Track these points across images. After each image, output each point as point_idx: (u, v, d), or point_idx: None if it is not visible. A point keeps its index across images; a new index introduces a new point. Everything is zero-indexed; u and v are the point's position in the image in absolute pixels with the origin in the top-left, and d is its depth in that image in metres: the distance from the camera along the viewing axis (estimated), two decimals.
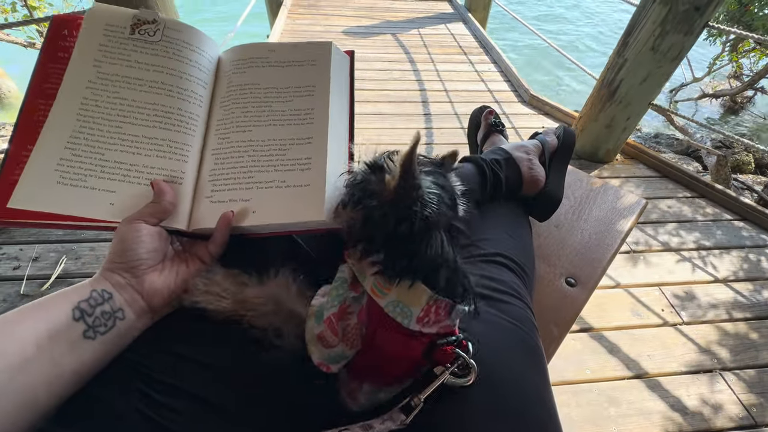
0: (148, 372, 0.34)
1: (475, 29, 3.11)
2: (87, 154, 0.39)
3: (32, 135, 0.39)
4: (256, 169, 0.42)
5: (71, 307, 0.32)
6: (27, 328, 0.30)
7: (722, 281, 1.34)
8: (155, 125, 0.42)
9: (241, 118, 0.44)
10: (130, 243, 0.35)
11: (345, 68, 0.51)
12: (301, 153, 0.43)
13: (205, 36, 0.47)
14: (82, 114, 0.40)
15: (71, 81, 0.41)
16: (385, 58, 2.63)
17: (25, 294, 1.17)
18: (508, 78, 2.50)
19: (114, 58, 0.42)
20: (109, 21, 0.43)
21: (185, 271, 0.39)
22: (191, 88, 0.44)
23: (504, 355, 0.40)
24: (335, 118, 0.45)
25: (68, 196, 0.38)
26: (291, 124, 0.44)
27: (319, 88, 0.46)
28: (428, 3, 3.65)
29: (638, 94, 1.60)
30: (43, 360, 0.29)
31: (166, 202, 0.38)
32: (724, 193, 1.65)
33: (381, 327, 0.33)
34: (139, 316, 0.36)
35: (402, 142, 1.89)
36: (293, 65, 0.47)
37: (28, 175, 0.38)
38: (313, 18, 3.13)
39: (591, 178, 0.85)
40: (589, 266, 0.67)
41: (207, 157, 0.44)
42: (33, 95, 0.40)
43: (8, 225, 0.38)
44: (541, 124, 2.08)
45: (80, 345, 0.31)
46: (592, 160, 1.85)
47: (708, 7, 1.34)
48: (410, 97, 2.25)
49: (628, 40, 1.53)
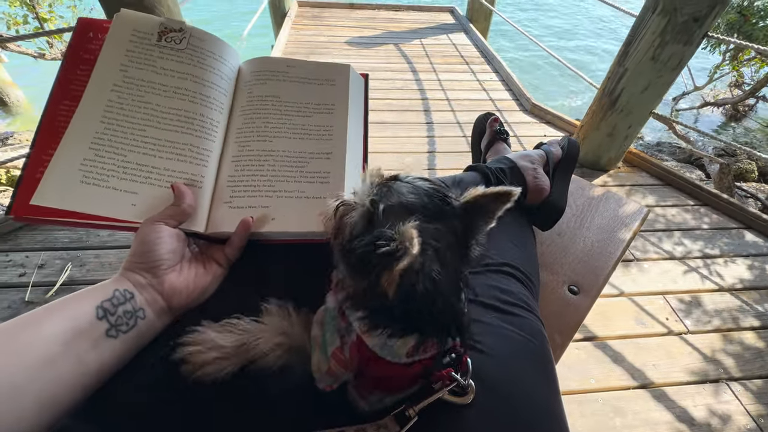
0: (165, 372, 0.34)
1: (476, 39, 3.15)
2: (110, 155, 0.40)
3: (56, 135, 0.40)
4: (277, 178, 0.43)
5: (95, 306, 0.33)
6: (54, 325, 0.30)
7: (727, 290, 1.34)
8: (177, 130, 0.43)
9: (262, 128, 0.46)
10: (151, 244, 0.36)
11: (361, 90, 0.53)
12: (320, 167, 0.44)
13: (227, 46, 0.48)
14: (107, 116, 0.41)
15: (97, 83, 0.42)
16: (387, 68, 2.66)
17: (29, 301, 1.17)
18: (510, 87, 2.52)
19: (140, 63, 0.44)
20: (137, 27, 0.45)
21: (203, 273, 0.40)
22: (213, 95, 0.45)
23: (515, 369, 0.40)
24: (352, 137, 0.47)
25: (91, 195, 0.39)
26: (311, 138, 0.46)
27: (338, 108, 0.48)
28: (430, 14, 3.70)
29: (639, 103, 1.61)
30: (68, 357, 0.30)
31: (186, 204, 0.39)
32: (728, 201, 1.64)
33: (373, 360, 0.32)
34: (158, 316, 0.36)
35: (404, 150, 1.91)
36: (313, 83, 0.49)
37: (52, 173, 0.39)
38: (316, 29, 3.18)
39: (593, 187, 0.85)
40: (591, 274, 0.68)
41: (226, 163, 0.45)
42: (57, 96, 0.41)
43: (30, 222, 0.38)
44: (543, 133, 2.10)
45: (103, 343, 0.32)
46: (594, 168, 1.86)
47: (707, 19, 1.36)
48: (412, 106, 2.27)
49: (629, 49, 1.55)
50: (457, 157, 1.88)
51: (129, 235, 1.39)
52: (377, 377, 0.34)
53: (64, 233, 1.39)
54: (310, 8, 3.57)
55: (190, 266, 0.39)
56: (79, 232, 1.40)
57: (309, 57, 2.68)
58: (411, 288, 0.27)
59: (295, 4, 3.49)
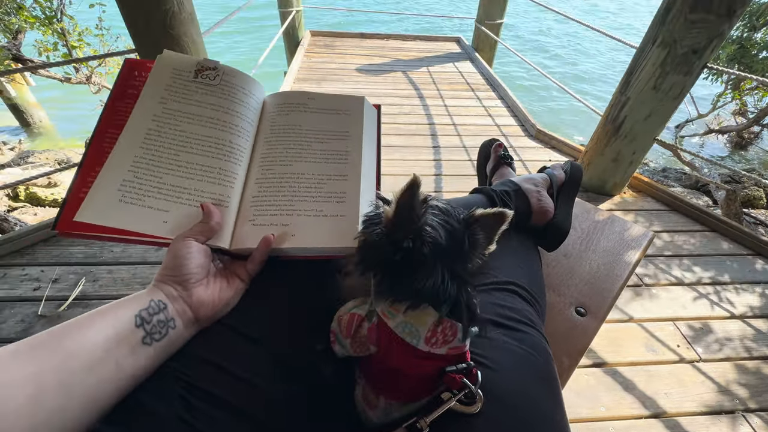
0: (189, 380, 0.36)
1: (482, 67, 3.26)
2: (147, 177, 0.44)
3: (100, 158, 0.44)
4: (297, 198, 0.47)
5: (134, 314, 0.35)
6: (98, 331, 0.32)
7: (739, 317, 1.31)
8: (208, 155, 0.47)
9: (284, 154, 0.50)
10: (182, 258, 0.39)
11: (374, 119, 0.57)
12: (337, 187, 0.48)
13: (255, 81, 0.53)
14: (146, 142, 0.45)
15: (139, 114, 0.47)
16: (396, 94, 2.76)
17: (42, 315, 1.20)
18: (515, 113, 2.58)
19: (178, 96, 0.48)
20: (177, 66, 0.50)
21: (226, 287, 0.42)
22: (241, 124, 0.50)
23: (519, 381, 0.41)
24: (366, 161, 0.51)
25: (128, 212, 0.42)
26: (328, 162, 0.50)
27: (353, 134, 0.52)
28: (437, 43, 3.85)
29: (642, 130, 1.65)
30: (109, 363, 0.32)
31: (214, 222, 0.42)
32: (736, 227, 1.64)
33: (389, 344, 0.35)
34: (186, 327, 0.38)
35: (412, 173, 1.95)
36: (330, 113, 0.54)
37: (95, 192, 0.42)
38: (328, 56, 3.32)
39: (598, 210, 0.87)
40: (598, 296, 0.68)
41: (250, 185, 0.48)
42: (103, 125, 0.46)
43: (72, 236, 0.41)
44: (548, 158, 2.13)
45: (139, 350, 0.34)
46: (600, 193, 1.87)
47: (706, 50, 1.41)
48: (420, 130, 2.33)
49: (630, 79, 1.60)
50: (464, 180, 1.91)
51: (142, 252, 1.43)
52: (387, 375, 0.36)
53: (79, 248, 1.43)
54: (322, 37, 3.74)
55: (215, 280, 0.42)
56: (94, 248, 1.43)
57: (321, 83, 2.79)
58: (419, 247, 0.34)
59: (308, 34, 3.67)
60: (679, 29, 1.38)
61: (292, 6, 3.36)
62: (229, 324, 0.41)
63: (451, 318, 0.35)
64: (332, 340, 0.42)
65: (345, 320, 0.40)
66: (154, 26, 1.21)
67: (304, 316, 0.45)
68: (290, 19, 3.32)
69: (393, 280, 0.36)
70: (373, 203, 0.47)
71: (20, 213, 2.46)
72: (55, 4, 2.51)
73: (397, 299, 0.35)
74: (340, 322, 0.40)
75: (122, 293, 1.27)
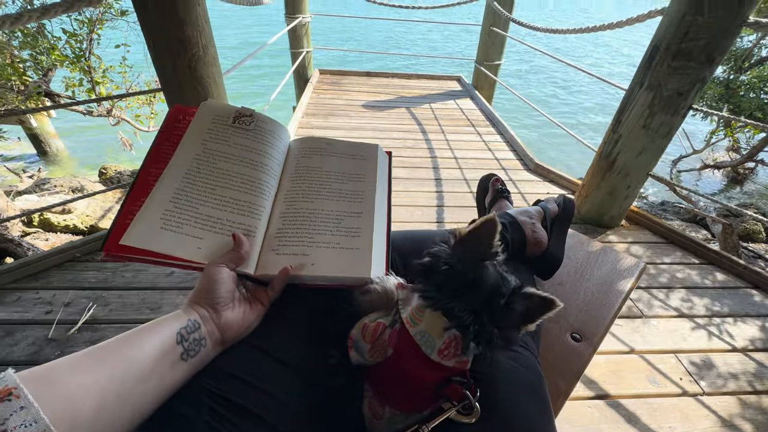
0: (218, 392, 0.39)
1: (482, 105, 3.43)
2: (186, 207, 0.50)
3: (145, 190, 0.50)
4: (317, 231, 0.52)
5: (175, 332, 0.38)
6: (147, 346, 0.36)
7: (741, 350, 1.32)
8: (240, 190, 0.53)
9: (306, 191, 0.56)
10: (215, 283, 0.43)
11: (386, 165, 0.65)
12: (353, 223, 0.54)
13: (283, 128, 0.61)
14: (187, 177, 0.52)
15: (182, 152, 0.53)
16: (399, 129, 2.89)
17: (52, 338, 1.22)
18: (514, 148, 2.69)
19: (217, 138, 0.55)
20: (217, 112, 0.58)
21: (249, 311, 0.46)
22: (270, 164, 0.57)
23: (513, 395, 0.44)
24: (379, 201, 0.58)
25: (168, 239, 0.47)
26: (345, 200, 0.56)
27: (368, 177, 0.59)
28: (439, 81, 4.07)
29: (636, 165, 1.72)
30: (155, 376, 0.35)
31: (243, 251, 0.47)
32: (733, 260, 1.67)
33: (406, 349, 0.40)
34: (213, 346, 0.42)
35: (415, 204, 2.02)
36: (348, 157, 0.61)
37: (139, 219, 0.48)
38: (335, 93, 3.50)
39: (591, 241, 0.92)
40: (593, 322, 0.72)
41: (275, 218, 0.54)
42: (149, 161, 0.52)
43: (117, 258, 0.46)
44: (547, 191, 2.20)
45: (177, 365, 0.38)
46: (598, 225, 1.92)
47: (690, 93, 1.51)
48: (422, 163, 2.43)
49: (621, 118, 1.70)
50: (465, 211, 1.97)
51: (152, 278, 1.47)
52: (395, 383, 0.40)
53: (92, 273, 1.47)
54: (330, 75, 3.96)
55: (240, 305, 0.46)
56: (106, 272, 1.48)
57: (328, 118, 2.94)
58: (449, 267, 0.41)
59: (317, 72, 3.89)
60: (663, 74, 1.49)
61: (302, 47, 3.60)
62: (252, 343, 0.45)
63: (473, 341, 0.39)
64: (349, 345, 0.46)
65: (371, 327, 0.44)
66: (180, 68, 1.32)
67: (320, 335, 0.49)
68: (301, 58, 3.54)
69: (436, 287, 0.42)
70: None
71: (32, 238, 2.52)
72: (85, 44, 2.72)
73: (432, 304, 0.40)
74: (366, 329, 0.44)
75: (131, 318, 1.31)
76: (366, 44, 14.17)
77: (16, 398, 0.26)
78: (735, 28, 1.35)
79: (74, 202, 2.89)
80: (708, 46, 1.38)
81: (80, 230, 2.80)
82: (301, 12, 3.39)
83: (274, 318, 0.49)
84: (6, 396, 0.25)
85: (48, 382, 0.29)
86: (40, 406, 0.26)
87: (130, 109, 3.53)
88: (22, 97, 2.43)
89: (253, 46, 9.75)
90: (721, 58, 1.46)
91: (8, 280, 1.40)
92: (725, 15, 1.31)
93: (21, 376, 0.28)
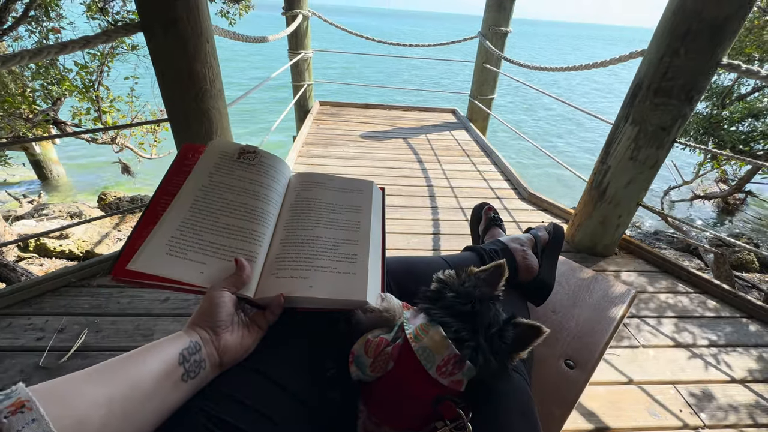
0: (214, 413, 0.39)
1: (476, 136, 3.54)
2: (191, 235, 0.52)
3: (154, 218, 0.53)
4: (315, 257, 0.55)
5: (178, 352, 0.39)
6: (152, 366, 0.37)
7: (740, 381, 1.31)
8: (243, 218, 0.56)
9: (305, 220, 0.59)
10: (216, 306, 0.45)
11: (380, 198, 0.69)
12: (349, 250, 0.57)
13: (284, 163, 0.65)
14: (193, 207, 0.55)
15: (190, 185, 0.57)
16: (396, 158, 2.97)
17: (43, 366, 1.20)
18: (508, 177, 2.76)
19: (223, 172, 0.59)
20: (223, 149, 0.62)
21: (247, 335, 0.47)
22: (271, 195, 0.60)
23: (504, 416, 0.45)
24: (374, 230, 0.61)
25: (173, 264, 0.49)
26: (342, 229, 0.59)
27: (363, 209, 0.63)
28: (434, 114, 4.22)
29: (625, 195, 1.77)
30: (157, 395, 0.36)
31: (245, 275, 0.49)
32: (726, 290, 1.68)
33: (406, 363, 0.42)
34: (212, 368, 0.43)
35: (411, 231, 2.04)
36: (345, 191, 0.65)
37: (146, 246, 0.50)
38: (335, 124, 3.62)
39: (582, 269, 0.94)
40: (586, 349, 0.72)
41: (275, 244, 0.57)
42: (159, 193, 0.56)
43: (124, 282, 0.48)
44: (540, 219, 2.24)
45: (178, 386, 0.38)
46: (591, 254, 1.95)
47: (672, 128, 1.58)
48: (418, 191, 2.48)
49: (609, 150, 1.77)
50: (459, 239, 2.00)
51: (146, 304, 1.46)
52: (391, 400, 0.41)
53: (86, 299, 1.46)
54: (330, 107, 4.11)
55: (239, 329, 0.47)
56: (100, 298, 1.47)
57: (327, 147, 3.02)
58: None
59: (317, 103, 4.04)
60: (646, 110, 1.58)
61: (304, 80, 3.75)
62: (250, 366, 0.46)
63: (469, 360, 0.42)
64: (351, 360, 0.48)
65: (375, 342, 0.46)
66: (187, 101, 1.39)
67: (318, 359, 0.50)
68: (302, 91, 3.69)
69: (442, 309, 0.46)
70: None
71: (27, 263, 2.51)
72: (95, 76, 2.83)
73: (437, 318, 0.44)
74: (369, 344, 0.47)
75: (123, 345, 1.29)
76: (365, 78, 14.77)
77: (28, 411, 0.27)
78: (710, 69, 1.44)
79: (72, 227, 2.90)
80: (686, 85, 1.47)
81: (76, 255, 2.79)
82: (304, 48, 3.57)
83: (273, 341, 0.50)
84: (19, 408, 0.26)
85: (58, 398, 0.29)
86: (50, 420, 0.27)
87: (134, 137, 3.62)
88: (29, 125, 2.50)
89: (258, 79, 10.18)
90: (699, 96, 1.55)
91: (1, 305, 1.39)
92: (699, 58, 1.40)
93: (33, 390, 0.29)
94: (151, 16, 1.26)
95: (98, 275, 1.57)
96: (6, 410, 0.26)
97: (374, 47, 7.32)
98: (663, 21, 1.47)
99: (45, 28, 2.52)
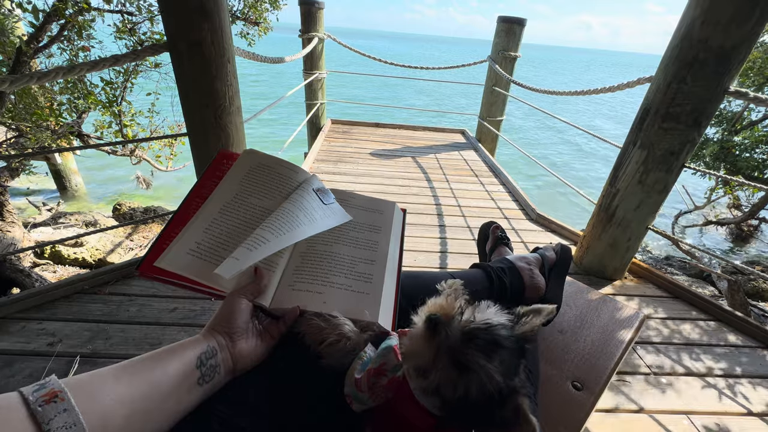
0: (228, 418, 0.40)
1: (485, 156, 3.58)
2: (216, 239, 0.54)
3: (184, 220, 0.55)
4: (332, 272, 0.56)
5: (196, 356, 0.40)
6: (172, 367, 0.38)
7: (757, 415, 1.26)
8: (265, 228, 0.57)
9: (326, 235, 0.61)
10: (234, 312, 0.46)
11: (400, 220, 0.70)
12: (366, 269, 0.58)
13: (316, 177, 0.67)
14: (222, 211, 0.57)
15: (222, 189, 0.59)
16: (405, 176, 3.00)
17: (51, 371, 1.21)
18: (516, 198, 2.77)
19: (253, 180, 0.61)
20: (256, 159, 0.64)
21: (260, 344, 0.49)
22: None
23: None
24: (392, 252, 0.62)
25: (196, 265, 0.51)
26: (361, 248, 0.61)
27: (383, 230, 0.64)
28: (444, 134, 4.28)
29: (635, 218, 1.76)
30: (174, 397, 0.37)
31: (263, 284, 0.51)
32: (742, 318, 1.64)
33: (405, 398, 0.41)
34: (225, 374, 0.44)
35: (418, 249, 2.05)
36: (366, 210, 0.67)
37: (174, 245, 0.52)
38: (345, 142, 3.70)
39: (590, 291, 0.94)
40: (593, 371, 0.72)
41: (295, 256, 0.58)
42: (192, 195, 0.58)
43: (150, 278, 0.50)
44: (549, 240, 2.23)
45: (194, 389, 0.39)
46: (600, 277, 1.92)
47: (681, 153, 1.59)
48: (427, 210, 2.50)
49: (618, 173, 1.77)
50: (467, 258, 2.00)
51: (156, 313, 1.48)
52: (396, 428, 0.41)
53: (98, 306, 1.49)
54: (341, 125, 4.21)
55: (253, 337, 0.48)
56: (111, 305, 1.49)
57: (337, 164, 3.08)
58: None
59: (329, 122, 4.14)
60: (654, 135, 1.59)
61: (317, 99, 3.87)
62: (264, 372, 0.47)
63: None
64: (349, 402, 0.46)
65: (363, 378, 0.44)
66: (206, 117, 1.45)
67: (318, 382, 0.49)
68: (315, 109, 3.79)
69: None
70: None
71: (41, 270, 2.56)
72: (118, 91, 2.97)
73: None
74: (359, 383, 0.45)
75: (131, 353, 1.30)
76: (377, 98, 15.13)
77: (61, 401, 0.28)
78: (717, 96, 1.46)
79: (87, 236, 2.97)
80: (694, 111, 1.48)
81: (88, 263, 2.85)
82: (318, 69, 3.70)
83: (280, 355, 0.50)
84: (53, 398, 0.28)
85: (87, 392, 0.31)
86: (79, 411, 0.29)
87: (152, 150, 3.74)
88: (54, 137, 2.62)
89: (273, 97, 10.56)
90: (707, 121, 1.56)
91: (15, 309, 1.42)
92: (706, 85, 1.42)
93: (65, 382, 0.30)
94: (178, 37, 1.33)
95: (110, 283, 1.60)
96: (41, 399, 0.28)
97: (385, 69, 7.53)
98: (670, 48, 1.50)
99: (76, 47, 2.67)
